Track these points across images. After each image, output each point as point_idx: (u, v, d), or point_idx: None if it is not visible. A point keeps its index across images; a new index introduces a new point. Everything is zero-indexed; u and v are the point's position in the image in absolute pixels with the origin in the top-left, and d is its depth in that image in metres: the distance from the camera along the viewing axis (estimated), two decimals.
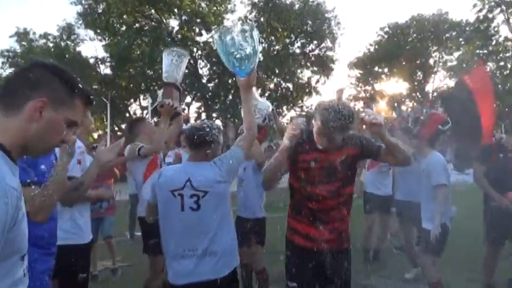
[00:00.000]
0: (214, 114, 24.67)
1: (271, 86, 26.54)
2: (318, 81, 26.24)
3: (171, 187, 2.32)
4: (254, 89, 2.59)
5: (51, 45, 22.96)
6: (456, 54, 34.02)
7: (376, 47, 35.46)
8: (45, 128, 1.08)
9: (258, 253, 3.94)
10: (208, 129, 2.38)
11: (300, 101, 26.81)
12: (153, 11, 23.62)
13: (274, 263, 4.98)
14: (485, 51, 32.10)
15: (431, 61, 34.80)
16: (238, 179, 4.20)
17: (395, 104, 32.07)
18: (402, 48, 32.94)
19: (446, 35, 33.27)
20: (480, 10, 30.85)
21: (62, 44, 23.03)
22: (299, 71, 25.85)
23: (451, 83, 35.57)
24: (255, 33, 2.25)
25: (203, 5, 24.99)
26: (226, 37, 2.25)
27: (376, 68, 35.62)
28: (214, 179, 2.32)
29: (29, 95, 1.06)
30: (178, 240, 2.30)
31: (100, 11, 23.06)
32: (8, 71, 23.19)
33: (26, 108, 1.05)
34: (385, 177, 5.18)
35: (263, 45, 25.53)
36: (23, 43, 22.95)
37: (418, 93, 35.41)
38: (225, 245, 2.33)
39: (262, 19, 24.77)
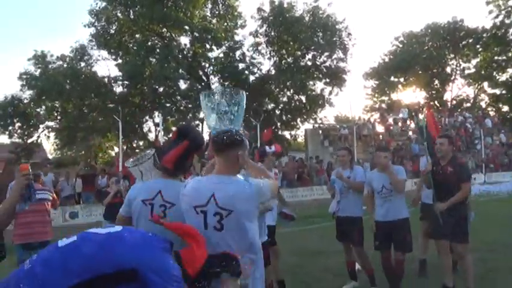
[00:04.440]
0: None
1: (284, 99, 26.40)
2: (331, 93, 25.95)
3: (194, 202, 2.17)
4: None
5: (65, 65, 23.45)
6: (474, 61, 33.31)
7: (391, 56, 35.09)
8: None
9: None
10: (233, 132, 2.23)
11: (313, 113, 26.52)
12: (164, 29, 23.97)
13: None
14: (504, 58, 31.30)
15: (448, 69, 34.15)
16: None
17: (413, 114, 31.58)
18: (418, 57, 32.47)
19: (463, 42, 32.67)
20: (496, 16, 30.29)
21: (77, 65, 23.49)
22: (311, 83, 25.63)
23: (470, 90, 34.82)
24: (241, 97, 2.30)
25: (214, 21, 25.25)
26: (210, 97, 2.30)
27: (392, 78, 35.15)
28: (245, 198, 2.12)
29: None
30: None
31: (112, 31, 23.53)
32: (27, 93, 23.84)
33: None
34: None
35: (274, 58, 25.53)
36: (39, 65, 23.52)
37: (436, 102, 34.70)
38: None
39: (272, 33, 24.80)
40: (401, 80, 35.06)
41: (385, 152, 4.50)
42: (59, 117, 24.86)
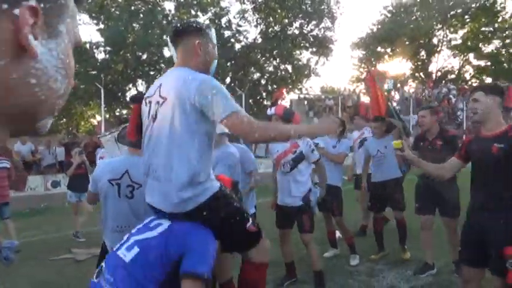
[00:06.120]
0: None
1: (270, 68, 26.10)
2: (317, 63, 25.74)
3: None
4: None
5: None
6: (461, 32, 33.26)
7: (379, 26, 34.73)
8: None
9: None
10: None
11: (299, 83, 26.35)
12: None
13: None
14: (491, 29, 31.33)
15: (435, 40, 34.06)
16: None
17: (398, 85, 31.69)
18: (406, 27, 32.20)
19: (451, 12, 32.44)
20: None
21: None
22: (298, 52, 25.31)
23: (455, 62, 34.94)
24: None
25: None
26: None
27: (379, 48, 34.95)
28: None
29: None
30: None
31: None
32: None
33: None
34: None
35: (261, 26, 25.03)
36: None
37: (421, 73, 34.81)
38: None
39: None
40: (388, 50, 34.90)
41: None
42: None
